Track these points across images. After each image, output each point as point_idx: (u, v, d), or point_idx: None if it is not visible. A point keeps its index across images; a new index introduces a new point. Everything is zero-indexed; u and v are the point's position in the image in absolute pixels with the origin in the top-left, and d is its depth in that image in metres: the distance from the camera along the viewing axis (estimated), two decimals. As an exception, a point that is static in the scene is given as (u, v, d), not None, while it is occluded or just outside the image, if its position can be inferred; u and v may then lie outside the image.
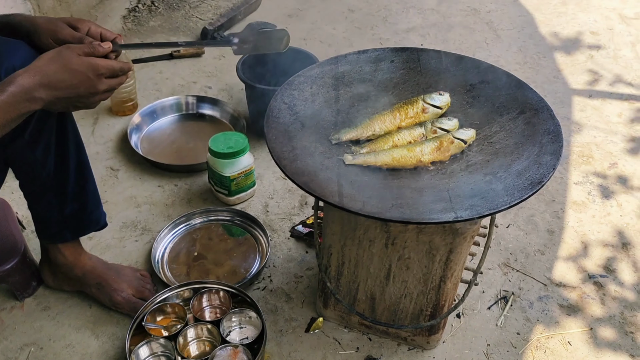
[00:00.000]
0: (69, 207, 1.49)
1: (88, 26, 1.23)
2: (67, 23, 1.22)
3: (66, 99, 1.09)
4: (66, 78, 1.07)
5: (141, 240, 1.87)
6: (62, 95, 1.08)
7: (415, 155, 1.25)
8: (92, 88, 1.11)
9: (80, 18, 1.25)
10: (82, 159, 1.48)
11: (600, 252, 1.88)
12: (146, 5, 3.09)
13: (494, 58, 2.85)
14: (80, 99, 1.11)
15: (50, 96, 1.06)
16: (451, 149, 1.26)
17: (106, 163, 2.14)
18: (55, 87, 1.06)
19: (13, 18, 1.26)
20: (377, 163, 1.25)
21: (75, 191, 1.49)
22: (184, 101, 2.40)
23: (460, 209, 1.11)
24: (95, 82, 1.10)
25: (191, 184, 2.08)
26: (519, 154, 1.25)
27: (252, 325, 1.59)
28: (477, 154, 1.27)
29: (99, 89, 1.12)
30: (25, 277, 1.66)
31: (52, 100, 1.07)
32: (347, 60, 1.55)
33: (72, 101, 1.11)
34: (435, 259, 1.36)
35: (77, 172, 1.47)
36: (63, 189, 1.46)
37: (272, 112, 1.36)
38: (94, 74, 1.10)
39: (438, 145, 1.26)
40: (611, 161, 2.25)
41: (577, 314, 1.69)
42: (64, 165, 1.43)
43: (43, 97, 1.06)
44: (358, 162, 1.25)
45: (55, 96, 1.07)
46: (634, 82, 2.71)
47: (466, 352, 1.59)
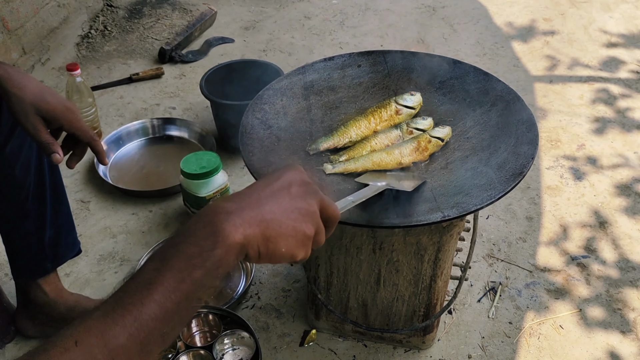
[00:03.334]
0: (47, 233, 1.44)
1: (70, 120, 1.15)
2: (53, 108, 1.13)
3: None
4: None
5: (121, 271, 1.82)
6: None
7: (395, 158, 1.25)
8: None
9: (68, 105, 1.16)
10: (57, 178, 1.44)
11: (579, 234, 1.91)
12: (99, 31, 3.03)
13: (454, 52, 2.89)
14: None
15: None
16: (430, 148, 1.26)
17: (76, 196, 2.09)
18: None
19: None
20: (358, 169, 1.25)
21: (52, 213, 1.44)
22: (149, 124, 2.36)
23: (446, 207, 1.12)
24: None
25: (166, 208, 2.04)
26: (497, 146, 1.26)
27: (246, 346, 1.57)
28: (455, 151, 1.28)
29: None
30: (3, 323, 1.60)
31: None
32: (315, 69, 1.54)
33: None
34: (424, 259, 1.36)
35: (52, 193, 1.42)
36: (42, 212, 1.41)
37: (246, 128, 1.35)
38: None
39: (416, 146, 1.26)
40: (579, 143, 2.30)
41: (565, 297, 1.72)
42: (41, 184, 1.38)
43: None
44: (338, 170, 1.25)
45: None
46: (590, 64, 2.78)
47: (462, 347, 1.59)
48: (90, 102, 2.23)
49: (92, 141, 1.19)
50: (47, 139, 1.13)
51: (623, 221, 1.95)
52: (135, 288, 0.63)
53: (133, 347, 0.61)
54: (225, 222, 0.66)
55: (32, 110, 1.11)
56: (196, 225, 0.67)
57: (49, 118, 1.13)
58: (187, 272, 0.64)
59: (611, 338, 1.60)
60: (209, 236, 0.65)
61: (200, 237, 0.66)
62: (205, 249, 0.65)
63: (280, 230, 0.70)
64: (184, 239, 0.66)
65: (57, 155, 1.14)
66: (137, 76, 2.70)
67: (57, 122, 1.14)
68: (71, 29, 2.90)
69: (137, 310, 0.61)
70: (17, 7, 2.49)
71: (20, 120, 1.12)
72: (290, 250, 0.72)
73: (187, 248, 0.65)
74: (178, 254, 0.65)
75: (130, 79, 2.70)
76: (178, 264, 0.64)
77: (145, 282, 0.63)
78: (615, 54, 2.84)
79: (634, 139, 2.31)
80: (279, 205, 0.71)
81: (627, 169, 2.16)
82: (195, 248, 0.65)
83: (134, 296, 0.62)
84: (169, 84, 2.69)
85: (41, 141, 1.13)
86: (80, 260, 1.84)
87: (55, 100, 1.13)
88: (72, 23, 2.90)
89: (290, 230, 0.71)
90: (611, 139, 2.31)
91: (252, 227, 0.68)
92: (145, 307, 0.62)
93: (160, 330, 0.63)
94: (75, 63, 2.16)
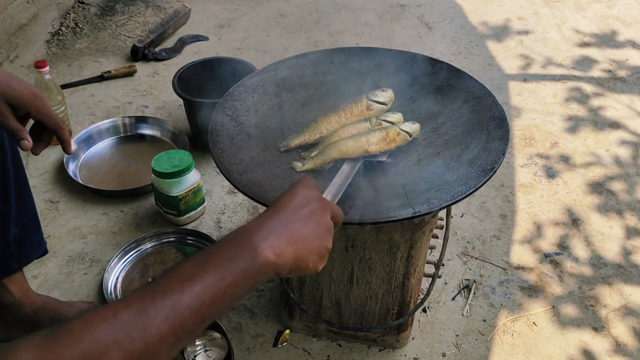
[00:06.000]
0: (12, 231, 1.40)
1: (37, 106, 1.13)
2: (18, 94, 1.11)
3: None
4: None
5: (90, 273, 1.78)
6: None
7: (361, 145, 1.23)
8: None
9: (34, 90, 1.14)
10: (21, 174, 1.41)
11: (552, 231, 1.92)
12: (70, 28, 2.98)
13: (429, 51, 2.89)
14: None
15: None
16: (397, 140, 1.25)
17: (44, 196, 2.04)
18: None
19: None
20: (326, 161, 1.23)
21: (17, 211, 1.40)
22: (121, 123, 2.32)
23: (417, 203, 1.11)
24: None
25: (137, 208, 2.01)
26: (468, 142, 1.26)
27: (218, 347, 1.55)
28: (427, 147, 1.28)
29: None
30: (-32, 327, 1.56)
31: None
32: (287, 66, 1.53)
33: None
34: (397, 256, 1.36)
35: (16, 189, 1.39)
36: (6, 209, 1.37)
37: (216, 125, 1.33)
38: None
39: (384, 136, 1.24)
40: (552, 141, 2.31)
41: (538, 294, 1.72)
42: (5, 182, 1.35)
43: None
44: (309, 167, 1.23)
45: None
46: (563, 62, 2.81)
47: (436, 345, 1.59)
48: (59, 100, 2.18)
49: (59, 129, 1.18)
50: (15, 125, 1.12)
51: (595, 218, 1.97)
52: (177, 278, 0.70)
53: (167, 332, 0.66)
54: (263, 242, 0.76)
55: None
56: (236, 239, 0.77)
57: (16, 105, 1.12)
58: (227, 273, 0.72)
59: (584, 335, 1.61)
60: (248, 251, 0.75)
61: (241, 249, 0.75)
62: (244, 259, 0.74)
63: (309, 249, 0.81)
64: (225, 248, 0.75)
65: (26, 141, 1.13)
66: (109, 74, 2.65)
67: (24, 109, 1.13)
68: (41, 25, 2.85)
69: (177, 296, 0.68)
70: (-16, 3, 2.44)
71: None
72: (315, 265, 0.83)
73: (228, 255, 0.74)
74: (219, 258, 0.73)
75: (101, 76, 2.66)
76: (219, 265, 0.72)
77: (187, 275, 0.70)
78: (587, 53, 2.87)
79: (605, 137, 2.33)
80: (305, 225, 0.82)
81: (599, 166, 2.19)
82: (235, 257, 0.74)
83: (175, 284, 0.69)
84: (142, 82, 2.66)
85: (9, 128, 1.12)
86: (49, 262, 1.80)
87: (22, 87, 1.12)
88: (41, 20, 2.85)
89: (316, 248, 0.82)
90: (584, 137, 2.33)
91: (285, 247, 0.78)
92: (184, 295, 0.68)
93: (193, 322, 0.69)
94: (43, 60, 2.11)
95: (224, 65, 2.24)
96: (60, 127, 1.18)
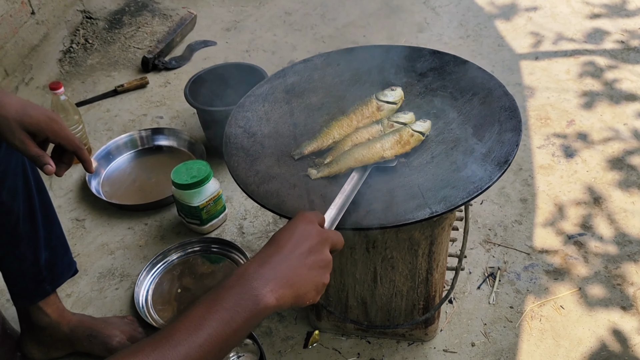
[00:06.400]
0: (42, 256, 1.45)
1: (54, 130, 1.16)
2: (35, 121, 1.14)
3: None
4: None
5: (121, 287, 1.83)
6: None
7: (377, 151, 1.24)
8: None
9: (51, 115, 1.17)
10: (46, 200, 1.45)
11: (574, 212, 1.91)
12: (80, 45, 3.02)
13: (437, 37, 2.88)
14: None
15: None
16: (411, 142, 1.25)
17: (70, 215, 2.09)
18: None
19: None
20: (341, 170, 1.24)
21: (45, 236, 1.44)
22: (137, 136, 2.35)
23: (434, 202, 1.12)
24: None
25: (161, 220, 2.05)
26: (480, 136, 1.26)
27: (250, 352, 1.57)
28: (440, 144, 1.28)
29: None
30: (9, 349, 1.61)
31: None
32: (295, 71, 1.54)
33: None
34: (418, 253, 1.37)
35: (43, 214, 1.43)
36: (34, 235, 1.42)
37: (229, 138, 1.35)
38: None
39: (398, 139, 1.25)
40: (568, 119, 2.29)
41: (564, 277, 1.72)
42: (31, 208, 1.39)
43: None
44: (323, 174, 1.24)
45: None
46: (575, 37, 2.77)
47: (465, 335, 1.60)
48: (76, 119, 2.22)
49: (78, 149, 1.20)
50: (36, 152, 1.15)
51: (617, 195, 1.95)
52: (184, 329, 0.76)
53: None
54: (264, 288, 0.82)
55: (17, 126, 1.12)
56: (237, 286, 0.81)
57: (34, 131, 1.14)
58: (230, 323, 0.78)
59: (612, 314, 1.61)
60: (250, 299, 0.80)
61: (242, 298, 0.80)
62: (246, 309, 0.79)
63: (307, 288, 0.87)
64: (227, 298, 0.80)
65: (49, 166, 1.15)
66: (122, 88, 2.69)
67: (42, 134, 1.15)
68: (52, 45, 2.89)
69: (185, 347, 0.75)
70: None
71: (7, 139, 1.13)
72: (312, 299, 0.89)
73: (230, 305, 0.79)
74: (223, 309, 0.79)
75: (115, 91, 2.69)
76: (222, 318, 0.78)
77: (192, 326, 0.76)
78: (598, 24, 2.83)
79: (623, 111, 2.30)
80: (303, 266, 0.87)
81: (618, 141, 2.16)
82: (237, 306, 0.79)
83: (183, 335, 0.75)
84: (155, 93, 2.69)
85: (31, 155, 1.15)
86: (80, 280, 1.84)
87: (38, 113, 1.15)
88: (52, 39, 2.89)
89: (313, 285, 0.88)
90: (600, 113, 2.31)
91: (285, 291, 0.84)
92: (192, 347, 0.75)
93: None
94: (58, 81, 2.15)
95: (234, 71, 2.25)
96: (80, 147, 1.20)
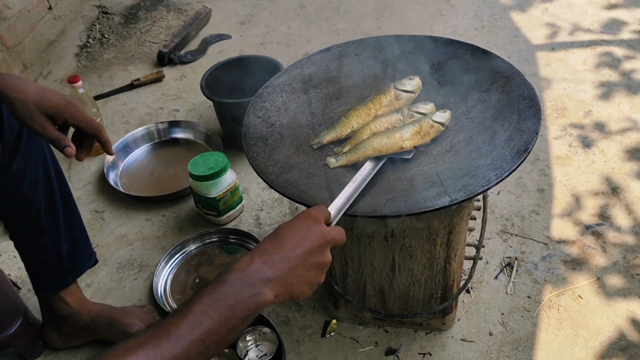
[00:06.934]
0: (63, 246, 1.47)
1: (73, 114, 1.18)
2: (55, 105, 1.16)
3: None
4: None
5: (140, 278, 1.85)
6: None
7: (395, 141, 1.24)
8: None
9: (69, 100, 1.18)
10: (67, 191, 1.47)
11: (592, 202, 1.90)
12: (97, 39, 3.05)
13: (452, 28, 2.87)
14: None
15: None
16: (431, 133, 1.26)
17: (89, 207, 2.11)
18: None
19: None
20: (360, 159, 1.24)
21: (66, 227, 1.47)
22: (154, 129, 2.37)
23: (454, 191, 1.12)
24: None
25: (179, 211, 2.06)
26: (500, 124, 1.25)
27: (268, 341, 1.59)
28: (458, 133, 1.28)
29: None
30: (32, 338, 1.63)
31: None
32: (312, 62, 1.54)
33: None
34: (437, 242, 1.37)
35: (64, 205, 1.45)
36: (55, 226, 1.44)
37: (248, 128, 1.35)
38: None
39: (418, 129, 1.25)
40: (585, 110, 2.28)
41: (582, 267, 1.71)
42: (52, 199, 1.41)
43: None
44: (342, 163, 1.25)
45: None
46: (591, 27, 2.74)
47: (482, 325, 1.60)
48: (94, 112, 2.24)
49: (97, 132, 1.21)
50: (56, 135, 1.16)
51: (635, 185, 1.94)
52: (185, 324, 0.78)
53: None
54: (264, 287, 0.84)
55: (36, 111, 1.14)
56: (237, 283, 0.83)
57: (53, 115, 1.16)
58: (230, 321, 0.81)
59: (631, 304, 1.60)
60: (249, 297, 0.83)
61: (242, 296, 0.82)
62: (245, 307, 0.82)
63: (303, 287, 0.90)
64: (228, 296, 0.82)
65: (69, 148, 1.17)
66: (138, 82, 2.71)
67: (61, 118, 1.17)
68: (69, 40, 2.91)
69: (186, 343, 0.77)
70: (14, 23, 2.51)
71: (27, 123, 1.15)
72: (305, 296, 0.92)
73: (230, 303, 0.81)
74: (223, 307, 0.81)
75: (132, 85, 2.71)
76: (223, 315, 0.80)
77: (194, 322, 0.78)
78: (616, 15, 2.80)
79: (641, 101, 2.29)
80: (303, 265, 0.90)
81: (636, 132, 2.14)
82: (237, 305, 0.82)
83: (184, 331, 0.77)
84: (171, 87, 2.70)
85: (51, 138, 1.16)
86: (100, 270, 1.87)
87: (56, 97, 1.16)
88: (69, 34, 2.92)
89: (309, 285, 0.91)
90: (618, 103, 2.29)
91: (283, 289, 0.87)
92: (192, 342, 0.77)
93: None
94: (76, 75, 2.17)
95: (249, 64, 2.26)
96: (99, 129, 1.22)
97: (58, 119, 1.17)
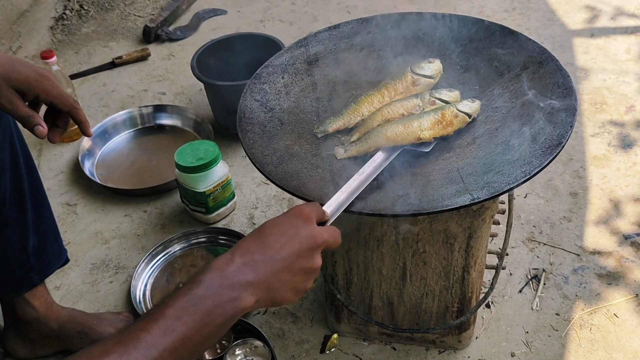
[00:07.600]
0: (30, 241, 1.47)
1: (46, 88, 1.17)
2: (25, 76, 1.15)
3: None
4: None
5: (117, 280, 1.85)
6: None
7: (412, 131, 1.23)
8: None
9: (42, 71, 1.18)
10: (36, 179, 1.47)
11: (632, 208, 1.91)
12: (74, 11, 3.05)
13: (478, 9, 2.87)
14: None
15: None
16: (455, 123, 1.25)
17: (61, 199, 2.12)
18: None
19: None
20: (371, 149, 1.24)
21: (34, 220, 1.46)
22: (137, 114, 2.38)
23: (475, 188, 1.12)
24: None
25: (162, 207, 2.07)
26: (529, 115, 1.25)
27: (260, 356, 1.59)
28: (482, 124, 1.28)
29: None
30: (-9, 346, 1.64)
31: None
32: (318, 40, 1.55)
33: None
34: (454, 247, 1.37)
35: (32, 195, 1.45)
36: (22, 218, 1.44)
37: (244, 112, 1.36)
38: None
39: (440, 118, 1.24)
40: (627, 105, 2.28)
41: (618, 282, 1.72)
42: (19, 188, 1.41)
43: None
44: (351, 154, 1.25)
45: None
46: (637, 11, 2.75)
47: (504, 344, 1.60)
48: (69, 92, 2.25)
49: (73, 109, 1.20)
50: (25, 112, 1.15)
51: (682, 191, 1.94)
52: (157, 330, 0.78)
53: None
54: (244, 291, 0.85)
55: (3, 84, 1.13)
56: (215, 285, 0.83)
57: (22, 89, 1.15)
58: (206, 328, 0.81)
59: (674, 325, 1.61)
60: (229, 301, 0.83)
61: (220, 301, 0.83)
62: (223, 314, 0.83)
63: (287, 293, 0.91)
64: (205, 296, 0.82)
65: (40, 127, 1.16)
66: (120, 60, 2.72)
67: (32, 92, 1.16)
68: (43, 10, 2.93)
69: (157, 350, 0.77)
70: (-19, -10, 2.52)
71: None
72: (290, 302, 0.94)
73: (207, 309, 0.81)
74: (199, 312, 0.81)
75: (112, 63, 2.72)
76: (199, 320, 0.80)
77: (167, 328, 0.78)
78: (665, -2, 2.81)
79: (691, 96, 2.29)
80: (288, 269, 0.90)
81: (685, 131, 2.15)
82: (214, 311, 0.82)
83: (157, 338, 0.77)
84: (157, 67, 2.71)
85: (20, 115, 1.15)
86: (71, 271, 1.87)
87: (27, 69, 1.15)
88: (43, 4, 2.93)
89: (293, 292, 0.92)
90: (665, 98, 2.29)
91: (265, 294, 0.88)
92: (165, 350, 0.77)
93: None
94: (50, 50, 2.18)
95: (247, 42, 2.27)
96: (75, 107, 1.20)
97: (28, 94, 1.16)
